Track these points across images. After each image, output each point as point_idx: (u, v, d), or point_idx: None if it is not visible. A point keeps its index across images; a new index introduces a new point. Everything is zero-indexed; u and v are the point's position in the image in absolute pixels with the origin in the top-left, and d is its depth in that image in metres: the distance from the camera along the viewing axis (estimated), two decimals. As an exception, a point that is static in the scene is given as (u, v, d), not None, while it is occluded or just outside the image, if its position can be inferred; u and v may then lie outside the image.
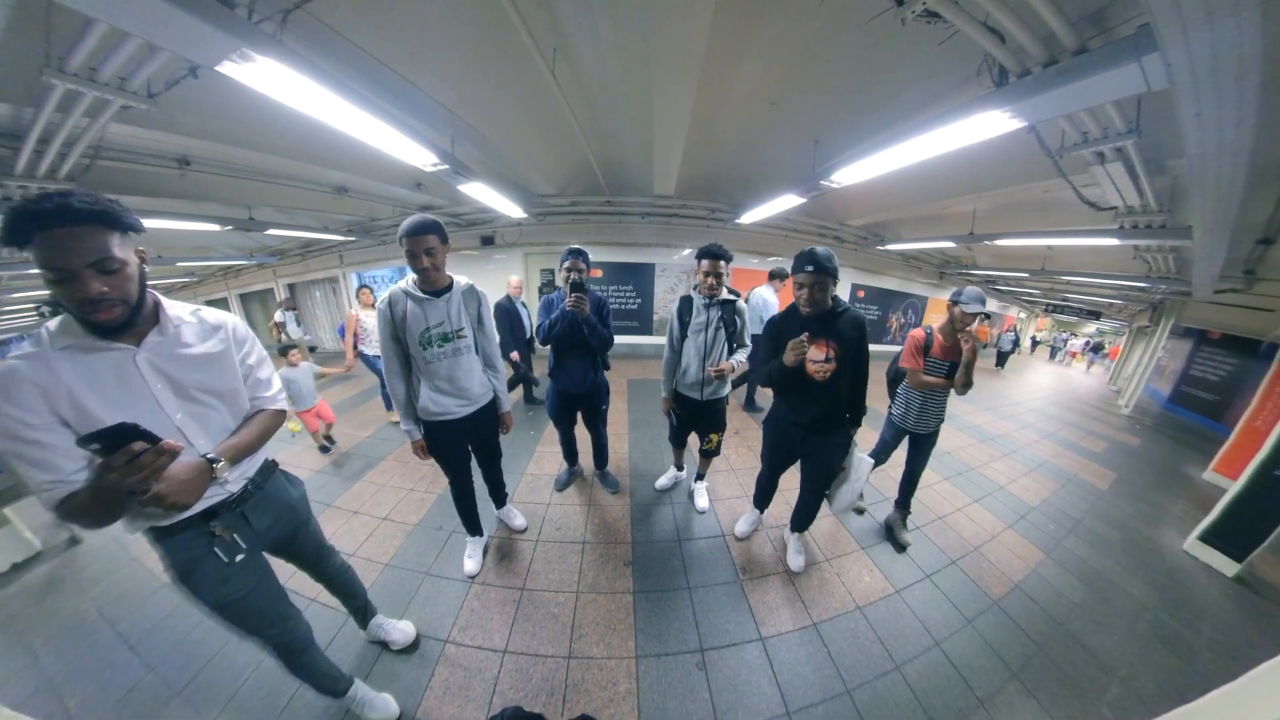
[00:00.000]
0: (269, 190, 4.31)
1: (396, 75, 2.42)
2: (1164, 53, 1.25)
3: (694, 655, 1.57)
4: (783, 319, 1.67)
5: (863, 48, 2.26)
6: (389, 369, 1.55)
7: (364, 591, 1.52)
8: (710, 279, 1.88)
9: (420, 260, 1.38)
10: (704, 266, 1.89)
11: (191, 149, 3.26)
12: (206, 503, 0.94)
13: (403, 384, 1.56)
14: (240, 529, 1.01)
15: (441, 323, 1.51)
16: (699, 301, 1.99)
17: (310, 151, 3.44)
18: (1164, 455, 4.53)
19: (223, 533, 0.97)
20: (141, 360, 0.84)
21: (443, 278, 1.50)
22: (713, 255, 1.86)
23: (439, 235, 1.39)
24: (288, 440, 3.58)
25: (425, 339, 1.49)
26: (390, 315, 1.46)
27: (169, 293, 10.08)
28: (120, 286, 0.77)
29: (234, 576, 0.98)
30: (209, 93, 2.29)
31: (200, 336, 0.95)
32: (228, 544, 0.97)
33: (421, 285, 1.48)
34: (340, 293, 8.15)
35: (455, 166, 2.99)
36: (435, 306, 1.49)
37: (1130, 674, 1.62)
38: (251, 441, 0.99)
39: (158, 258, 6.40)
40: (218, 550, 0.96)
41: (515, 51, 2.27)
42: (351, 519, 2.36)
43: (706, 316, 1.98)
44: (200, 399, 0.92)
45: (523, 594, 1.83)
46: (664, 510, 2.46)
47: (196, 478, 0.84)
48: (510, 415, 1.87)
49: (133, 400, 0.83)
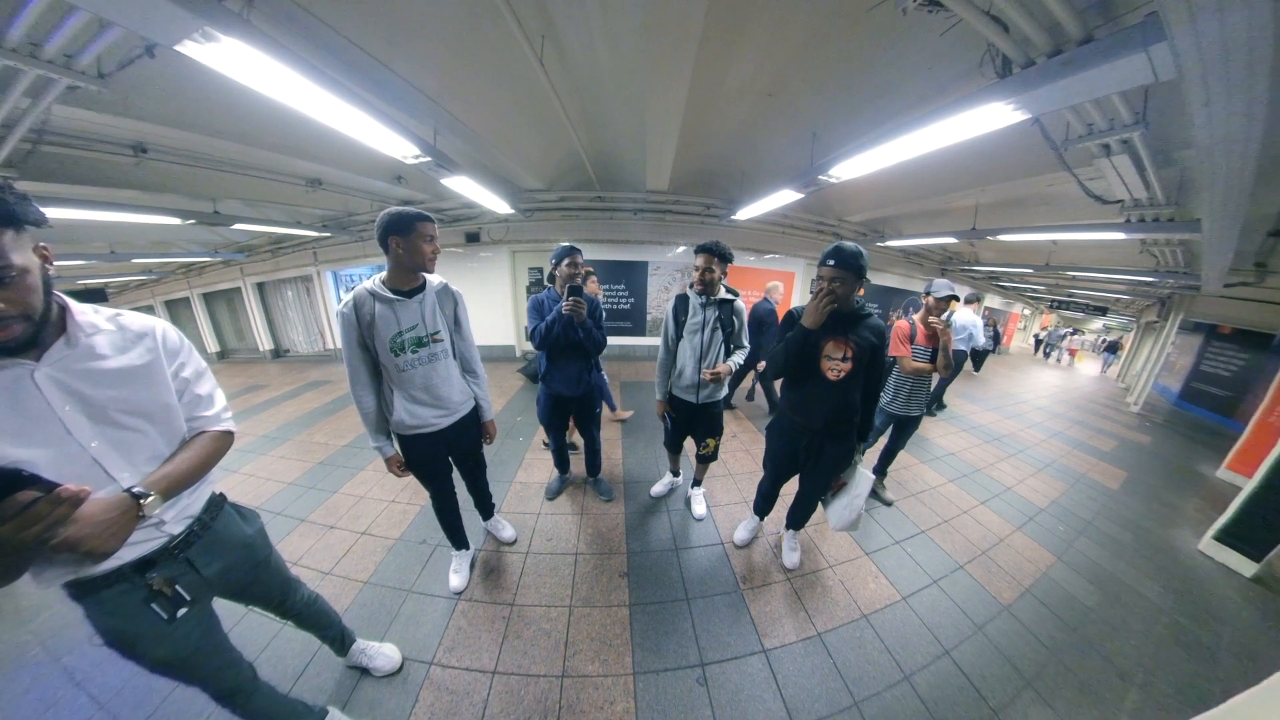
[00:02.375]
0: (235, 182, 4.20)
1: (374, 60, 2.39)
2: (1172, 42, 1.27)
3: (694, 670, 1.56)
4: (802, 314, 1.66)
5: (862, 38, 2.28)
6: (354, 379, 1.46)
7: (337, 619, 1.47)
8: (705, 274, 1.89)
9: (435, 243, 1.39)
10: (698, 262, 1.90)
11: (148, 135, 3.13)
12: (140, 550, 0.84)
13: (371, 395, 1.49)
14: (185, 578, 0.90)
15: (415, 325, 1.45)
16: (696, 300, 1.99)
17: (281, 141, 3.38)
18: (1176, 453, 4.62)
19: (162, 586, 0.85)
20: (42, 377, 0.72)
21: (419, 275, 1.47)
22: (709, 251, 1.87)
23: (434, 225, 1.42)
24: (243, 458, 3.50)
25: (397, 344, 1.42)
26: (356, 319, 1.38)
27: (122, 292, 9.92)
28: (19, 299, 0.66)
29: (176, 635, 0.88)
30: (167, 74, 2.22)
31: (119, 347, 0.82)
32: (168, 599, 0.86)
33: (390, 284, 1.42)
34: (314, 292, 8.01)
35: (438, 159, 2.96)
36: (407, 308, 1.43)
37: (1148, 680, 1.64)
38: (190, 470, 0.87)
39: (110, 253, 6.19)
40: (155, 607, 0.84)
41: (501, 38, 2.25)
42: (327, 535, 2.32)
43: (704, 316, 1.98)
44: (122, 421, 0.80)
45: (512, 610, 1.80)
46: (660, 518, 2.45)
47: (118, 518, 0.72)
48: (494, 424, 1.84)
49: (33, 427, 0.71)
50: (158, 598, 0.85)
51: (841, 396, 1.61)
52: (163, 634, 0.87)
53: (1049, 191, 3.86)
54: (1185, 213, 3.36)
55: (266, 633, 1.64)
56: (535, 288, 6.85)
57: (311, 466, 3.17)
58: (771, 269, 7.49)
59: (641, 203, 5.88)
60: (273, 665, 1.54)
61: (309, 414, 4.49)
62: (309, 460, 3.27)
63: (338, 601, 1.81)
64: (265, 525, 1.16)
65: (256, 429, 4.07)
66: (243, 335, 9.32)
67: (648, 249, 6.75)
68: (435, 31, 2.30)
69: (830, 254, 1.43)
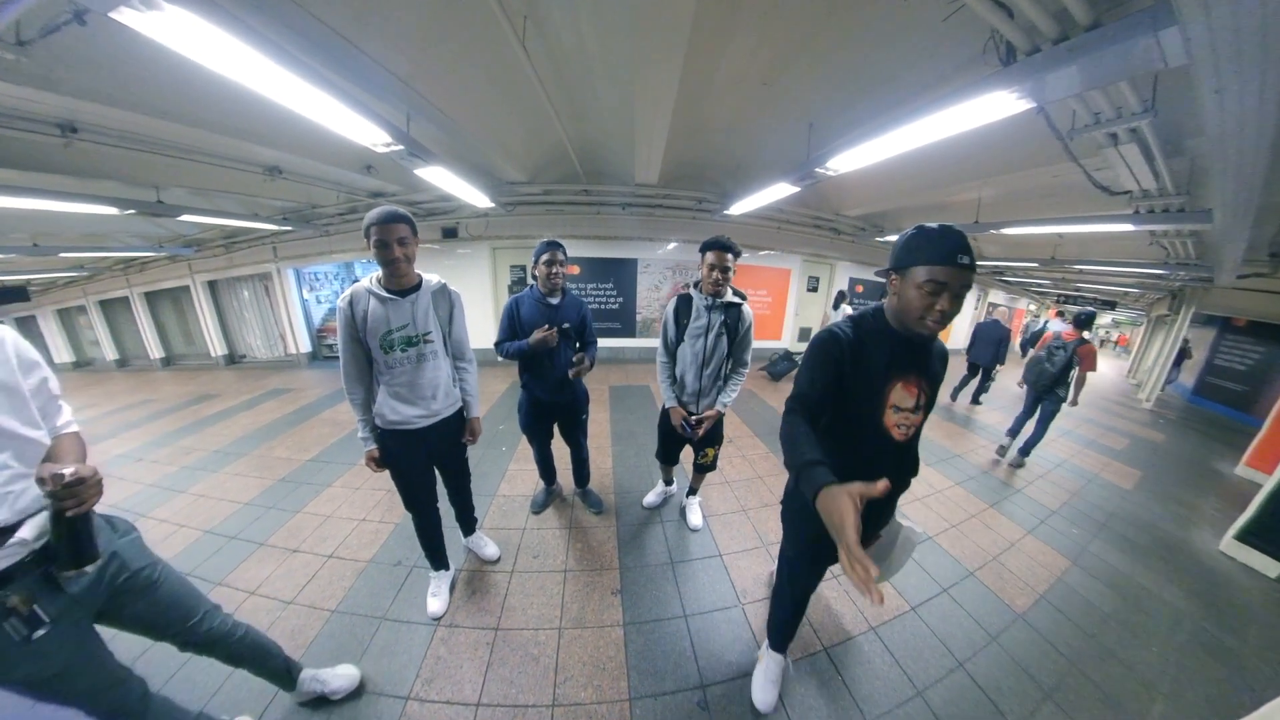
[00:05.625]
0: (182, 168, 4.05)
1: (341, 39, 2.35)
2: (1183, 26, 1.31)
3: (695, 693, 1.55)
4: (857, 342, 1.08)
5: (861, 24, 2.32)
6: (347, 372, 1.58)
7: (278, 649, 1.40)
8: (716, 273, 1.82)
9: (392, 250, 1.42)
10: (709, 259, 1.83)
11: (79, 113, 2.95)
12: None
13: (361, 388, 1.60)
14: (46, 595, 0.88)
15: (405, 325, 1.53)
16: (700, 301, 1.95)
17: (235, 124, 3.28)
18: (1191, 451, 4.76)
19: (19, 604, 0.83)
20: None
21: (411, 274, 1.54)
22: (721, 247, 1.80)
23: (410, 226, 1.45)
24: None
25: (386, 342, 1.52)
26: (351, 314, 1.50)
27: (48, 290, 9.51)
28: None
29: (39, 653, 0.87)
30: (101, 44, 2.13)
31: None
32: (24, 618, 0.84)
33: (386, 283, 1.52)
34: (274, 291, 7.82)
35: (411, 147, 2.93)
36: (399, 307, 1.52)
37: (1175, 688, 1.67)
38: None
39: (33, 246, 5.93)
40: (7, 627, 0.82)
41: (480, 18, 2.24)
42: (289, 559, 2.25)
43: (708, 320, 1.94)
44: None
45: (497, 634, 1.77)
46: (654, 530, 2.44)
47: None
48: (479, 422, 1.86)
49: None
50: (11, 615, 0.83)
51: (905, 460, 1.20)
52: (22, 654, 0.85)
53: (1055, 183, 3.96)
54: (1196, 202, 3.48)
55: (218, 673, 1.51)
56: (518, 286, 6.81)
57: (271, 484, 3.08)
58: (766, 266, 7.56)
59: (630, 197, 5.90)
60: (226, 708, 1.46)
61: (269, 426, 4.38)
62: (268, 477, 3.18)
63: (302, 634, 1.76)
64: (220, 549, 1.14)
65: (206, 443, 3.95)
66: (192, 339, 9.02)
67: (637, 245, 6.77)
68: (408, 8, 2.27)
69: (959, 245, 0.92)
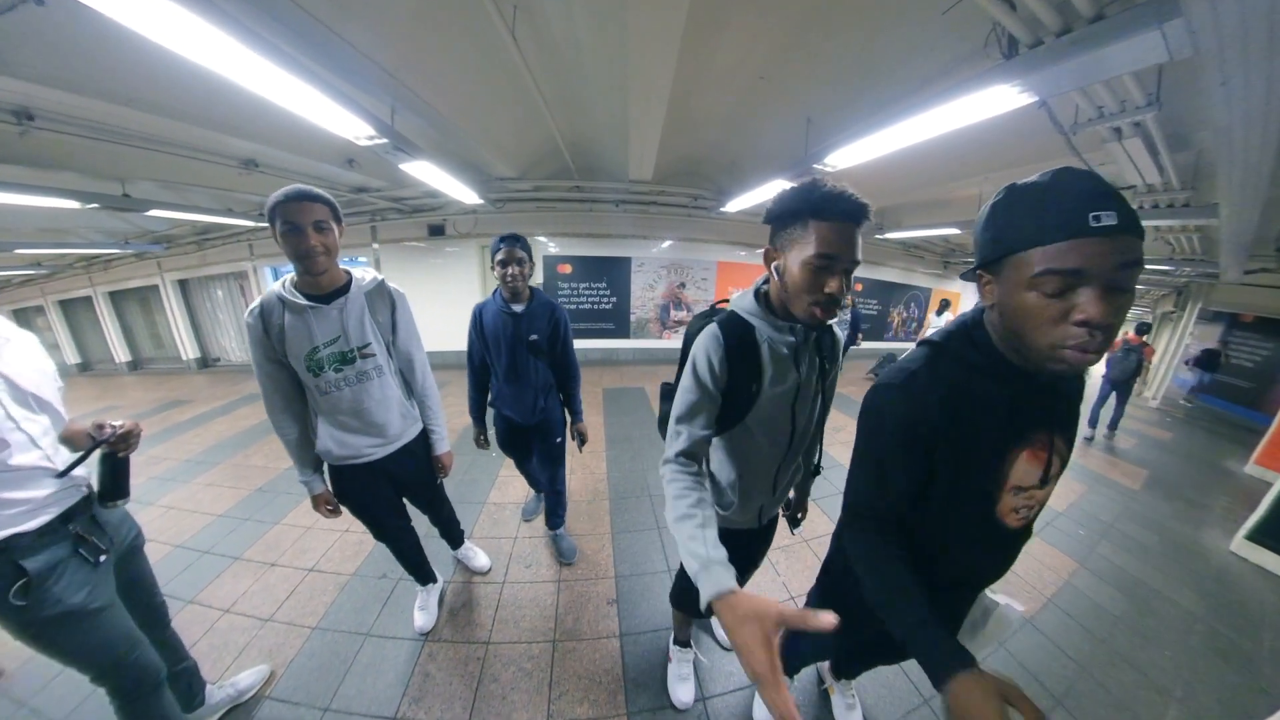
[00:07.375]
0: (150, 160, 3.92)
1: (322, 26, 2.32)
2: (1188, 18, 1.33)
3: (696, 706, 1.54)
4: (951, 402, 0.72)
5: (860, 17, 2.34)
6: (269, 404, 1.33)
7: (193, 663, 1.44)
8: (839, 277, 0.86)
9: (306, 237, 1.13)
10: (823, 233, 0.85)
11: (36, 99, 2.81)
12: (62, 505, 1.02)
13: (293, 422, 1.36)
14: (97, 534, 1.08)
15: (335, 338, 1.27)
16: (780, 336, 0.99)
17: (207, 113, 3.20)
18: (1199, 449, 4.84)
19: (85, 533, 1.05)
20: None
21: (335, 272, 1.27)
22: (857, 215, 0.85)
23: (331, 209, 1.18)
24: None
25: (314, 363, 1.26)
26: (264, 330, 1.23)
27: (3, 289, 9.24)
28: None
29: (103, 581, 1.06)
30: (60, 25, 2.06)
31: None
32: (90, 545, 1.05)
33: (303, 285, 1.25)
34: (250, 291, 7.70)
35: (396, 141, 2.91)
36: (324, 316, 1.25)
37: (1188, 693, 1.69)
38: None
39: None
40: (83, 553, 1.03)
41: (469, 6, 2.23)
42: (267, 573, 2.20)
43: (801, 368, 1.01)
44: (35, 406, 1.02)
45: (488, 649, 1.75)
46: (650, 536, 2.43)
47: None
48: (451, 456, 1.68)
49: None
50: (84, 543, 1.05)
51: (1020, 543, 0.88)
52: (92, 577, 1.04)
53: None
54: (1201, 197, 3.53)
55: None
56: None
57: (248, 494, 3.02)
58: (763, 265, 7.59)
59: (624, 193, 5.89)
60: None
61: (244, 433, 4.31)
62: (244, 487, 3.13)
63: (281, 652, 1.73)
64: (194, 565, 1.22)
65: (177, 452, 3.87)
66: (161, 342, 8.86)
67: (630, 244, 6.77)
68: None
69: (1129, 221, 0.54)
